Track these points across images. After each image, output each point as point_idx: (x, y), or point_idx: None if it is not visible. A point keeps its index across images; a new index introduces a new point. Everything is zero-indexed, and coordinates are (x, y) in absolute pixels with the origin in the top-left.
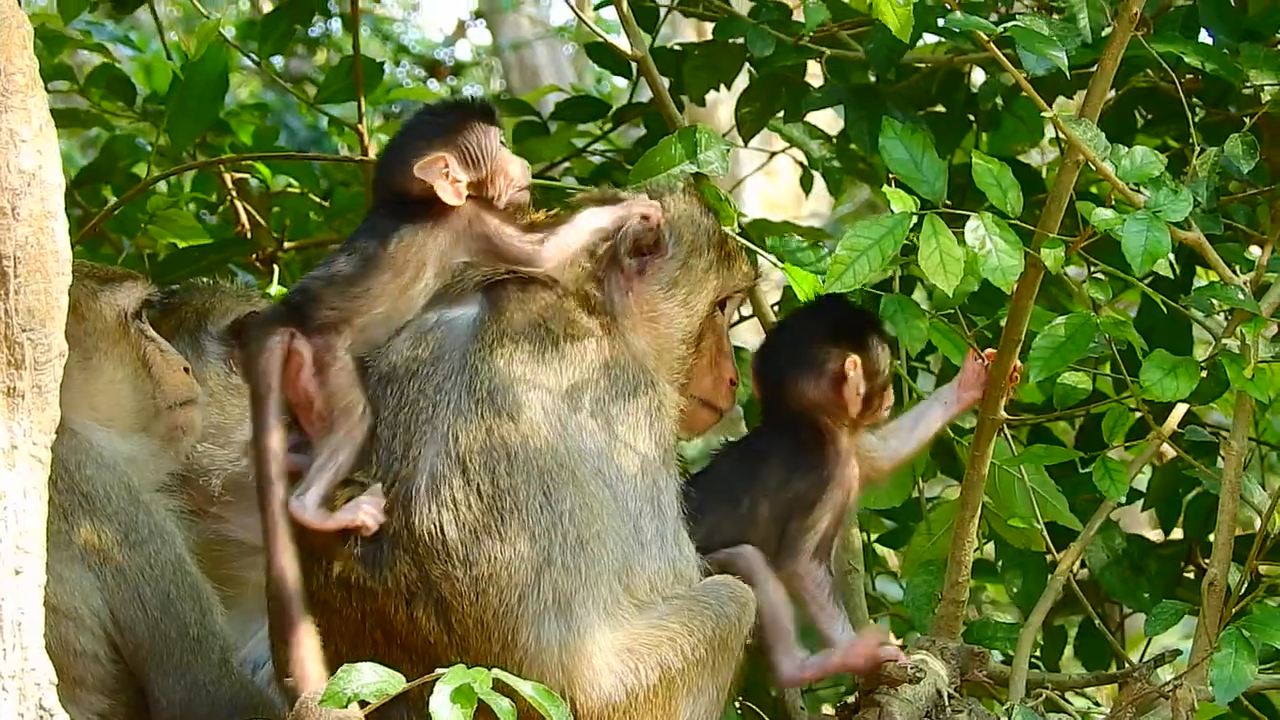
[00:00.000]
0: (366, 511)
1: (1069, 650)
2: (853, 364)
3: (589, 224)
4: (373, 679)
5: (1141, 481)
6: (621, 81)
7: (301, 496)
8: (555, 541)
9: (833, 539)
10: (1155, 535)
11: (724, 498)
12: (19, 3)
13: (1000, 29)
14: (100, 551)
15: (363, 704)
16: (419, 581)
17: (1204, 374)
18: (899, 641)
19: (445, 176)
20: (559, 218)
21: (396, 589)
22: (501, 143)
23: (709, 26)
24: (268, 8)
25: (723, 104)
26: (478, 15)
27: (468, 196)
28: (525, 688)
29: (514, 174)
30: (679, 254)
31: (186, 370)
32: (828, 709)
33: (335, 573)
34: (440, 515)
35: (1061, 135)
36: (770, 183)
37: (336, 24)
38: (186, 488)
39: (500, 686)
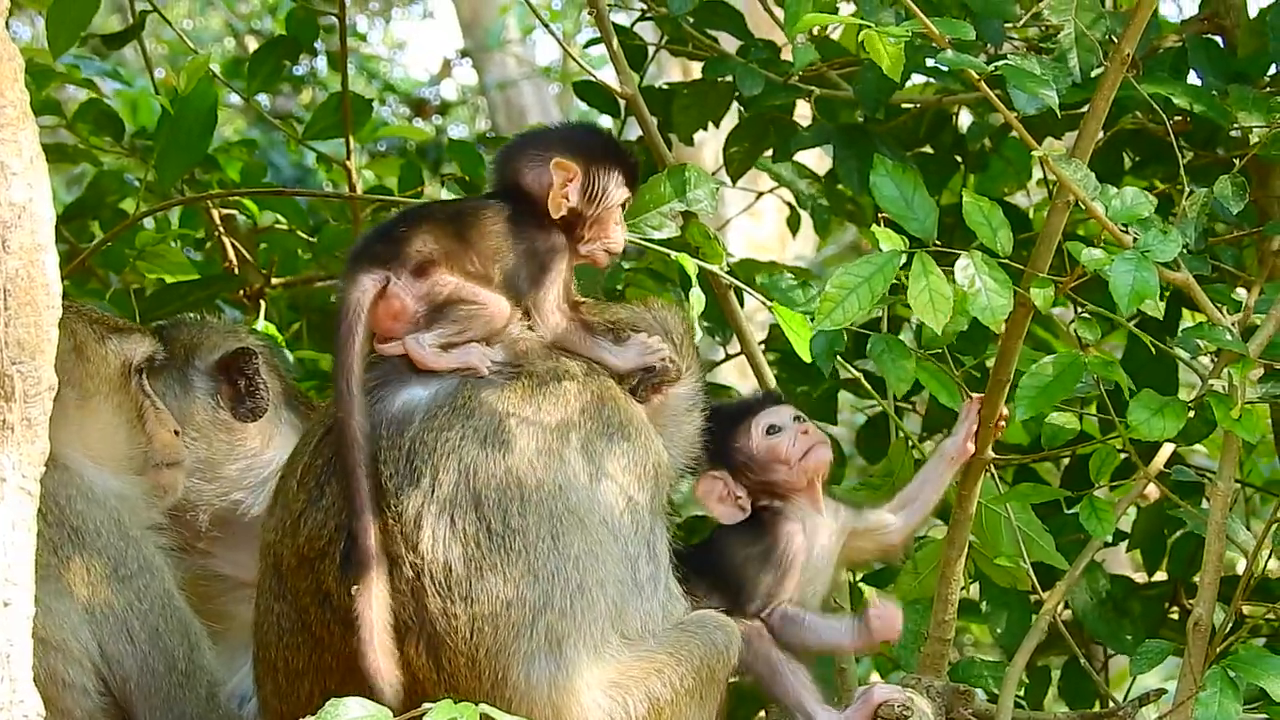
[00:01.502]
0: (479, 356)
1: (1053, 690)
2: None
3: (600, 353)
4: (361, 712)
5: (1125, 523)
6: (607, 121)
7: (419, 336)
8: (558, 585)
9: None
10: (1138, 576)
11: (719, 574)
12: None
13: (991, 68)
14: (90, 585)
15: None
16: (414, 616)
17: (1191, 414)
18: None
19: (563, 186)
20: (588, 314)
21: (391, 623)
22: (624, 205)
23: (695, 67)
24: (253, 46)
25: (707, 144)
26: (464, 54)
27: (561, 219)
28: None
29: (612, 235)
30: (693, 376)
31: (176, 433)
32: None
33: (331, 604)
34: (451, 547)
35: (1050, 175)
36: (755, 224)
37: (322, 62)
38: (174, 523)
39: None
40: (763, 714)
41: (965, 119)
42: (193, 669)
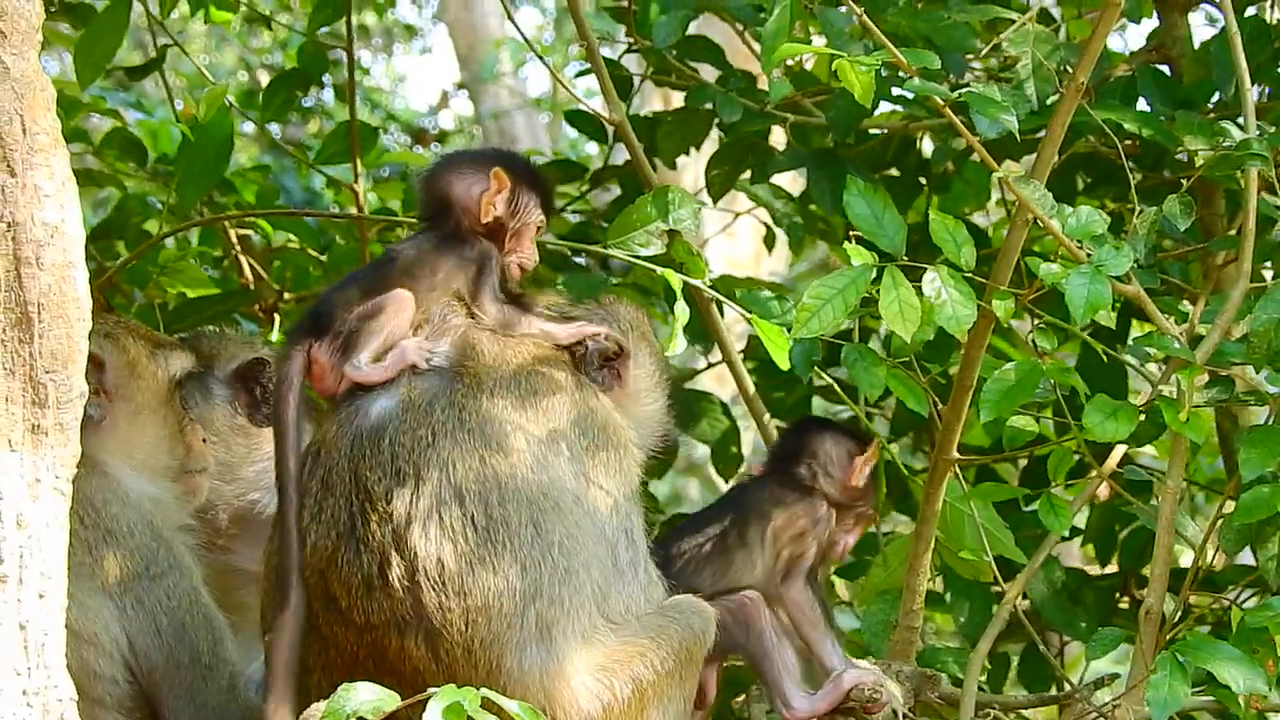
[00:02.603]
0: (415, 351)
1: (1012, 675)
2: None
3: (541, 326)
4: (370, 697)
5: (1079, 519)
6: (594, 149)
7: (355, 359)
8: (545, 572)
9: (819, 566)
10: (1091, 569)
11: (719, 548)
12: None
13: (956, 95)
14: (121, 582)
15: None
16: (411, 611)
17: (1142, 418)
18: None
19: (495, 194)
20: (528, 300)
21: (392, 620)
22: (541, 223)
23: (678, 96)
24: (266, 79)
25: (688, 169)
26: (460, 86)
27: (485, 228)
28: (511, 705)
29: (528, 250)
30: (650, 359)
31: (205, 441)
32: None
33: (338, 608)
34: (442, 544)
35: (1010, 196)
36: (732, 243)
37: (329, 94)
38: (197, 522)
39: (488, 705)
40: (742, 697)
41: (929, 145)
42: (215, 661)
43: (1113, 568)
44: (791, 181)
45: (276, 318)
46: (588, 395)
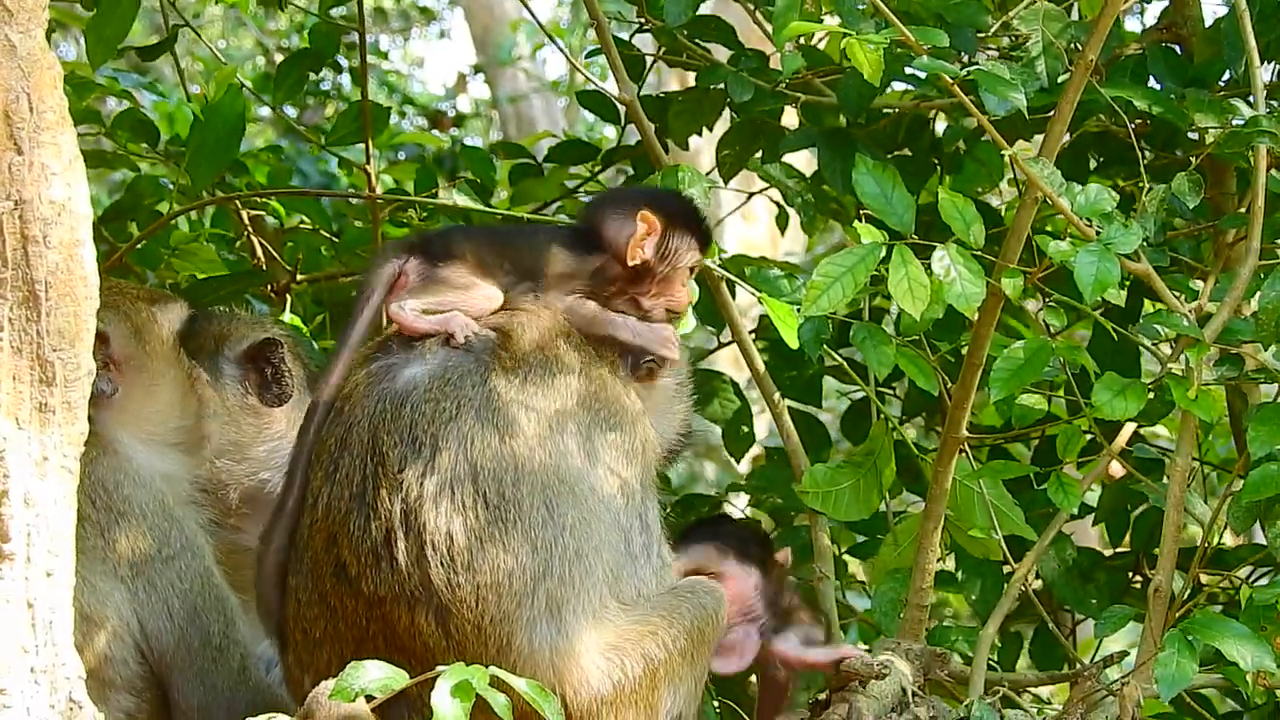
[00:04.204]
0: (460, 324)
1: (1024, 657)
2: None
3: (612, 327)
4: (379, 675)
5: (1092, 499)
6: (610, 132)
7: (402, 301)
8: (555, 554)
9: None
10: (1106, 552)
11: None
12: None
13: (964, 72)
14: (133, 565)
15: (369, 698)
16: (420, 586)
17: (1151, 396)
18: (865, 646)
19: (643, 238)
20: None
21: (401, 594)
22: (696, 264)
23: (690, 77)
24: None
25: (704, 152)
26: (477, 70)
27: (633, 269)
28: (519, 684)
29: (677, 294)
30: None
31: (207, 384)
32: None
33: (347, 575)
34: (453, 519)
35: (1020, 174)
36: (748, 226)
37: (346, 79)
38: (206, 501)
39: (496, 683)
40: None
41: (941, 125)
42: (226, 643)
43: (1125, 547)
44: (805, 162)
45: (288, 299)
46: (616, 387)
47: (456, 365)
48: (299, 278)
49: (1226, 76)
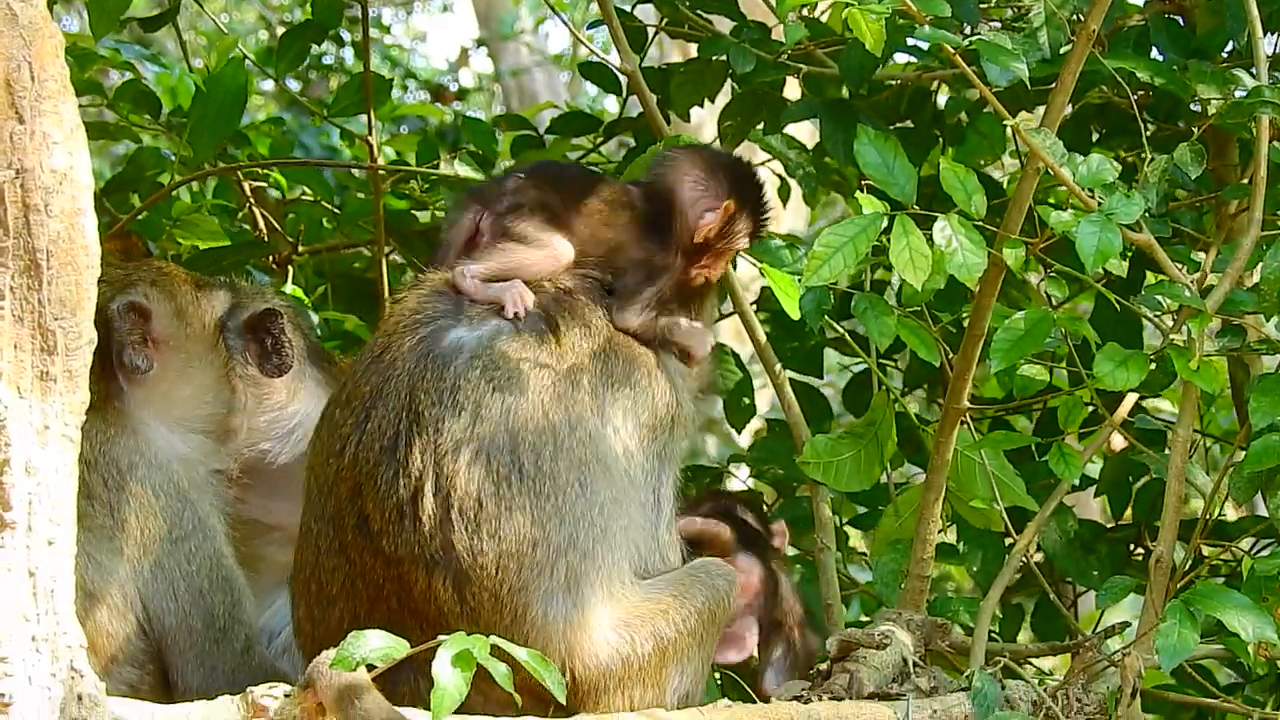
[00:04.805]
0: (514, 297)
1: (1025, 629)
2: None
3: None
4: (380, 644)
5: (1093, 471)
6: (612, 104)
7: (465, 267)
8: (583, 529)
9: None
10: (1106, 523)
11: None
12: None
13: (966, 42)
14: (143, 546)
15: (370, 668)
16: (441, 550)
17: (1153, 367)
18: (866, 618)
19: (717, 223)
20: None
21: (420, 556)
22: (746, 246)
23: (692, 48)
24: None
25: (707, 124)
26: (480, 44)
27: (690, 242)
28: (520, 654)
29: (719, 267)
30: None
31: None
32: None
33: (369, 530)
34: (484, 485)
35: (1022, 145)
36: None
37: (348, 53)
38: (222, 481)
39: (499, 653)
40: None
41: (944, 97)
42: (230, 624)
43: (1127, 519)
44: (808, 134)
45: (289, 270)
46: (653, 369)
47: (506, 336)
48: (300, 249)
49: (1229, 47)
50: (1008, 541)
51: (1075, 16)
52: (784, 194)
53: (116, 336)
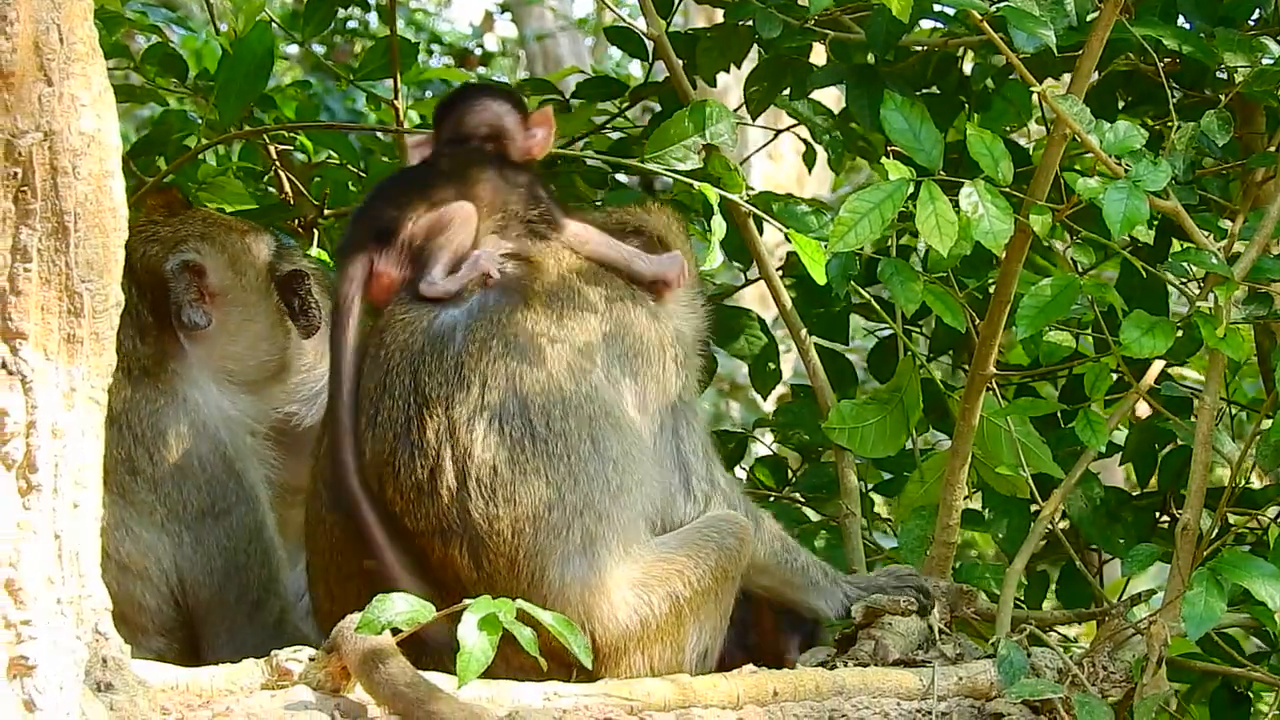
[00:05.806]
0: (486, 260)
1: (1051, 596)
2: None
3: (628, 259)
4: (405, 608)
5: (1119, 438)
6: (637, 68)
7: (429, 275)
8: (598, 487)
9: None
10: (1132, 490)
11: None
12: None
13: (993, 9)
14: (182, 520)
15: (395, 631)
16: (459, 519)
17: (1179, 334)
18: None
19: (548, 138)
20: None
21: (438, 527)
22: None
23: (718, 14)
24: None
25: (732, 90)
26: (504, 8)
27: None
28: (546, 618)
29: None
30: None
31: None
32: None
33: (392, 511)
34: (499, 452)
35: (1049, 111)
36: (774, 166)
37: (373, 17)
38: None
39: (523, 617)
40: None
41: (970, 63)
42: (265, 596)
43: (1153, 487)
44: (834, 100)
45: (315, 233)
46: (642, 316)
47: (494, 304)
48: (326, 213)
49: (1256, 15)
50: (1033, 508)
51: None
52: (810, 159)
53: (174, 297)
